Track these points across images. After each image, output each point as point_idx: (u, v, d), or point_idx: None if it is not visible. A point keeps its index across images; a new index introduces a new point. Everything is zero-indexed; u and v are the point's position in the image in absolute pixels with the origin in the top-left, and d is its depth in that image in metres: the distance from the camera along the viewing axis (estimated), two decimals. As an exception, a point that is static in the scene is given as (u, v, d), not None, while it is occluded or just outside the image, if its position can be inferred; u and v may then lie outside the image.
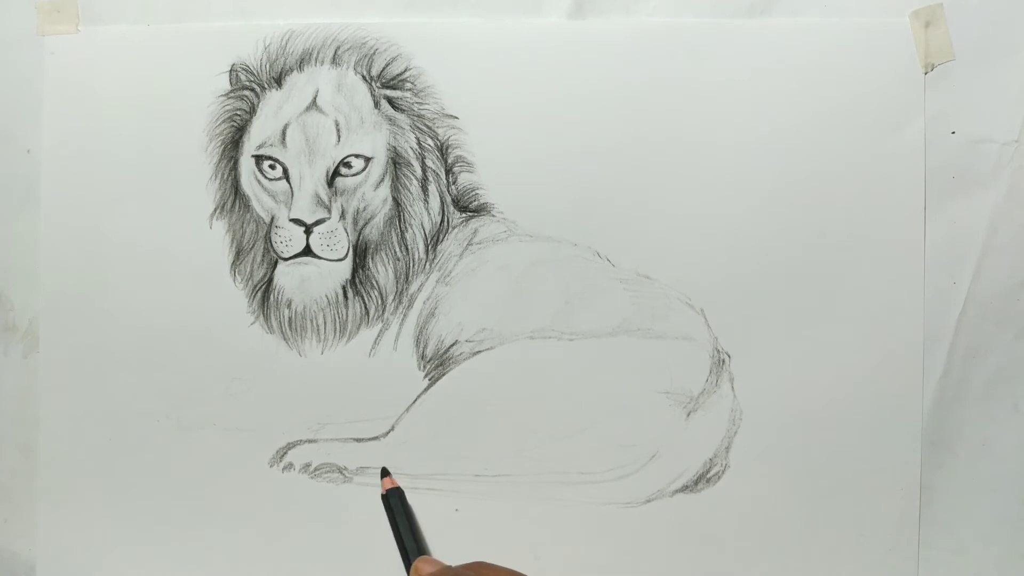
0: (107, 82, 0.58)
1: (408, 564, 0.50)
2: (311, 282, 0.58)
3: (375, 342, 0.58)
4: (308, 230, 0.58)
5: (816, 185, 0.57)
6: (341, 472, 0.58)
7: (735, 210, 0.57)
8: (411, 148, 0.58)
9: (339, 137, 0.58)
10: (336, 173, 0.58)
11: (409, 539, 0.52)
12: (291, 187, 0.58)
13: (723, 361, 0.57)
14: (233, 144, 0.58)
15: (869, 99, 0.57)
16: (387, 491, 0.54)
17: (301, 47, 0.58)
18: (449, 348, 0.58)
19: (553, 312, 0.58)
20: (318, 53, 0.58)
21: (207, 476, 0.58)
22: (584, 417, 0.58)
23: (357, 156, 0.58)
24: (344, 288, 0.58)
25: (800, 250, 0.57)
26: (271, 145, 0.58)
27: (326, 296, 0.58)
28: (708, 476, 0.57)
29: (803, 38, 0.57)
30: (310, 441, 0.58)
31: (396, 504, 0.53)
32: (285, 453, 0.58)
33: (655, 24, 0.58)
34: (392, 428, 0.58)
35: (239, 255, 0.58)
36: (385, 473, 0.55)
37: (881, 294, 0.57)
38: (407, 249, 0.58)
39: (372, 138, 0.58)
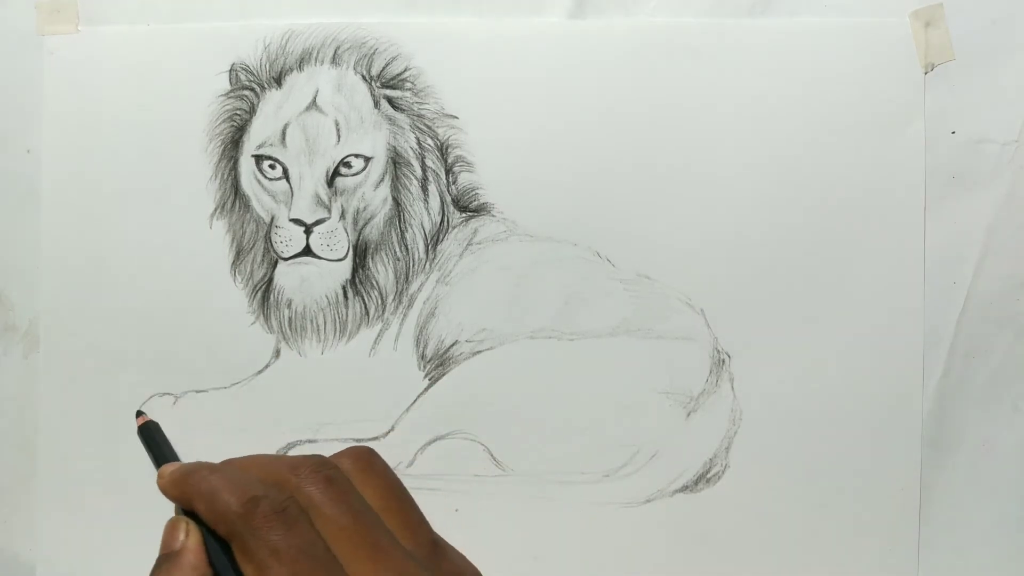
0: (107, 82, 0.58)
1: None
2: (311, 282, 0.58)
3: (375, 342, 0.58)
4: (308, 230, 0.58)
5: (816, 185, 0.57)
6: (341, 472, 0.58)
7: (735, 210, 0.57)
8: (411, 148, 0.58)
9: (339, 137, 0.58)
10: (336, 173, 0.58)
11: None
12: (291, 187, 0.58)
13: (723, 361, 0.57)
14: (233, 144, 0.58)
15: (869, 99, 0.57)
16: (143, 425, 0.50)
17: (301, 47, 0.58)
18: (449, 348, 0.58)
19: (553, 312, 0.58)
20: (318, 53, 0.58)
21: (207, 476, 0.58)
22: (584, 417, 0.58)
23: (357, 156, 0.58)
24: (344, 288, 0.58)
25: (800, 250, 0.57)
26: (271, 145, 0.58)
27: (326, 296, 0.58)
28: (708, 476, 0.57)
29: (803, 38, 0.57)
30: (310, 441, 0.58)
31: (154, 438, 0.50)
32: (285, 453, 0.58)
33: (655, 24, 0.58)
34: (392, 428, 0.58)
35: (239, 255, 0.58)
36: (140, 413, 0.52)
37: (881, 294, 0.57)
38: (407, 249, 0.58)
39: (372, 138, 0.58)
